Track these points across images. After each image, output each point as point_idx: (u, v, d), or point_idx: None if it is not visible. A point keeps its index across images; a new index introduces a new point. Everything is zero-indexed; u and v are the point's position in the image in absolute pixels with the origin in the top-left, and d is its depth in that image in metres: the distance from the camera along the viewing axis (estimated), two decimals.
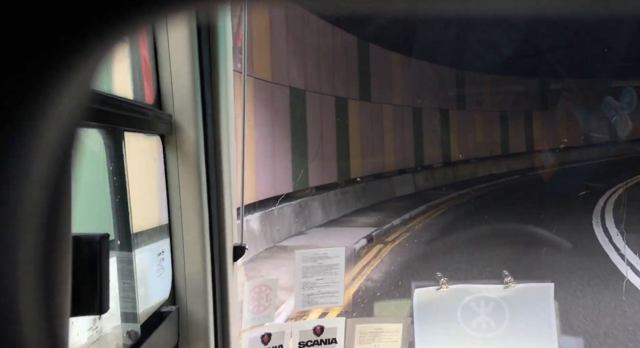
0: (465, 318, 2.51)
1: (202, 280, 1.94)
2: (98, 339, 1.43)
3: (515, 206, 16.60)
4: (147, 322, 1.72)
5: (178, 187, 1.90)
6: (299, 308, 2.64)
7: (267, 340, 2.48)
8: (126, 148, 1.58)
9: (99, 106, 1.27)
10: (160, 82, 1.87)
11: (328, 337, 2.59)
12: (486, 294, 2.53)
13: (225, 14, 1.95)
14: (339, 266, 2.64)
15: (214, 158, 1.99)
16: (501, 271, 2.58)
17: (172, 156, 1.89)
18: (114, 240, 1.56)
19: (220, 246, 2.03)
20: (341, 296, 2.65)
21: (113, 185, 1.55)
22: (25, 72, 0.43)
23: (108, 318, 1.50)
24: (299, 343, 2.56)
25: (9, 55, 0.42)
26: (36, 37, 0.42)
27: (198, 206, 1.92)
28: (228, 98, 2.04)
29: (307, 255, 2.63)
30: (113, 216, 1.56)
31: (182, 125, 1.89)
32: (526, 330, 2.50)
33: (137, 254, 1.71)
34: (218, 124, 1.98)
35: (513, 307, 2.51)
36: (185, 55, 1.86)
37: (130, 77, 1.78)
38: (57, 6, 0.42)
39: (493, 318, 2.51)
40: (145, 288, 1.78)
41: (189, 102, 1.89)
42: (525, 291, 2.53)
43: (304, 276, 2.61)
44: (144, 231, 1.84)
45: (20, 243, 0.44)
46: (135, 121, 1.62)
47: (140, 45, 1.79)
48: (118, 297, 1.58)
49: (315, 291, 2.62)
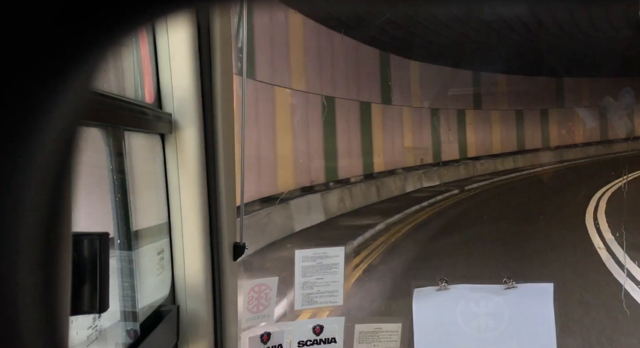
0: (464, 319, 2.51)
1: (201, 279, 1.94)
2: (97, 338, 1.43)
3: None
4: (146, 320, 1.72)
5: (178, 186, 1.90)
6: (299, 307, 2.64)
7: (267, 340, 2.48)
8: (126, 147, 1.58)
9: (99, 105, 1.27)
10: (160, 82, 1.88)
11: (327, 337, 2.59)
12: (486, 294, 2.53)
13: (225, 14, 1.95)
14: (338, 266, 2.64)
15: (214, 158, 1.99)
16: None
17: (172, 155, 1.90)
18: (114, 239, 1.56)
19: (220, 245, 2.03)
20: (340, 296, 2.65)
21: (113, 184, 1.56)
22: (26, 72, 0.43)
23: (108, 317, 1.50)
24: (299, 342, 2.56)
25: (9, 55, 0.42)
26: (36, 38, 0.42)
27: (198, 205, 1.93)
28: (228, 98, 2.04)
29: (307, 254, 2.63)
30: (113, 215, 1.56)
31: (182, 124, 1.89)
32: (526, 331, 2.50)
33: (137, 253, 1.71)
34: (218, 123, 1.99)
35: (513, 307, 2.51)
36: (185, 55, 1.87)
37: (131, 77, 1.79)
38: (57, 6, 0.43)
39: (493, 319, 2.51)
40: (145, 287, 1.78)
41: (189, 102, 1.89)
42: (525, 292, 2.53)
43: (303, 276, 2.62)
44: (144, 229, 1.85)
45: (21, 241, 0.45)
46: (135, 120, 1.62)
47: (140, 45, 1.79)
48: (118, 296, 1.58)
49: (314, 290, 2.62)
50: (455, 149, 27.58)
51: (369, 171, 21.32)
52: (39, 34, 0.42)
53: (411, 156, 24.47)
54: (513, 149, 31.36)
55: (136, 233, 1.70)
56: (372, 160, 21.73)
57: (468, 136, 28.65)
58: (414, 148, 24.74)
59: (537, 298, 2.52)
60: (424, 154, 25.32)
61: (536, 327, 2.50)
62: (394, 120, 23.58)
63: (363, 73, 21.37)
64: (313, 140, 17.78)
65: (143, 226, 1.82)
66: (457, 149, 27.70)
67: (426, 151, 25.59)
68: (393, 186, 21.46)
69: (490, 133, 30.33)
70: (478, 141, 29.21)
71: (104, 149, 1.51)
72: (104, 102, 1.32)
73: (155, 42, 1.85)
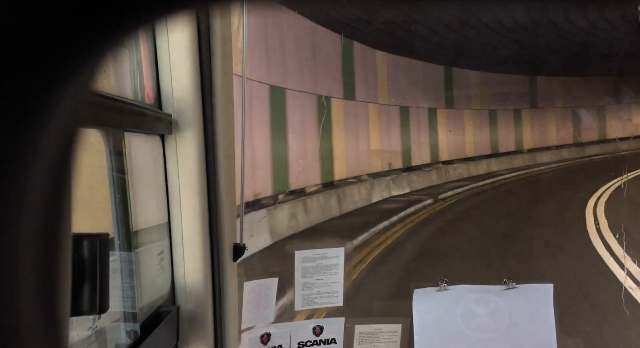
0: (464, 319, 2.51)
1: (201, 279, 1.94)
2: (97, 339, 1.43)
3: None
4: (146, 321, 1.72)
5: (178, 187, 1.90)
6: (299, 308, 2.64)
7: (267, 340, 2.48)
8: (126, 147, 1.58)
9: (99, 106, 1.27)
10: (160, 83, 1.88)
11: (327, 337, 2.59)
12: (486, 295, 2.53)
13: (225, 14, 1.95)
14: (338, 267, 2.64)
15: (214, 158, 1.99)
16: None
17: (172, 156, 1.90)
18: (114, 240, 1.56)
19: (220, 246, 2.03)
20: (340, 297, 2.65)
21: (113, 185, 1.56)
22: (26, 72, 0.43)
23: (108, 318, 1.50)
24: (299, 343, 2.56)
25: (9, 55, 0.42)
26: (36, 38, 0.42)
27: (198, 206, 1.93)
28: (228, 98, 2.04)
29: (307, 255, 2.63)
30: (113, 216, 1.56)
31: (182, 125, 1.89)
32: (526, 331, 2.50)
33: (137, 253, 1.71)
34: (218, 124, 1.99)
35: (513, 307, 2.51)
36: (185, 55, 1.87)
37: (131, 78, 1.79)
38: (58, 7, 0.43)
39: (492, 319, 2.51)
40: (145, 288, 1.78)
41: (189, 102, 1.89)
42: (525, 292, 2.53)
43: (303, 277, 2.62)
44: (144, 230, 1.84)
45: (21, 242, 0.45)
46: (135, 121, 1.62)
47: (140, 45, 1.79)
48: (118, 296, 1.58)
49: (314, 291, 2.62)
50: (426, 152, 24.95)
51: (328, 179, 17.99)
52: (39, 35, 0.43)
53: (378, 160, 21.55)
54: (487, 152, 29.07)
55: (136, 233, 1.70)
56: (333, 165, 18.47)
57: (440, 137, 26.09)
58: (381, 150, 21.81)
59: (537, 298, 2.52)
60: (392, 157, 22.58)
61: (536, 327, 2.50)
62: (360, 120, 20.76)
63: (321, 62, 18.07)
64: (258, 142, 14.36)
65: (143, 227, 1.82)
66: (428, 152, 25.06)
67: (395, 155, 22.90)
68: (357, 196, 18.27)
69: (463, 134, 27.92)
70: (450, 143, 26.88)
71: (104, 150, 1.51)
72: (104, 103, 1.32)
73: (155, 43, 1.85)
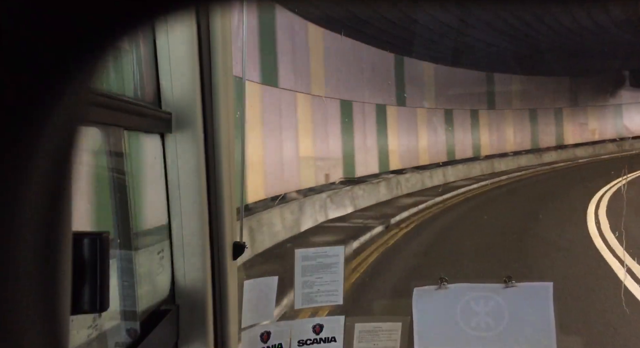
0: (464, 317, 2.52)
1: (201, 278, 1.94)
2: (97, 337, 1.43)
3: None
4: (146, 320, 1.72)
5: (178, 186, 1.90)
6: (299, 306, 2.65)
7: (267, 339, 2.48)
8: (126, 146, 1.58)
9: (99, 105, 1.27)
10: (160, 82, 1.88)
11: (327, 336, 2.60)
12: (485, 293, 2.53)
13: (225, 14, 1.95)
14: (338, 265, 2.65)
15: (214, 157, 1.99)
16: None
17: (172, 155, 1.90)
18: (114, 238, 1.56)
19: (220, 245, 2.03)
20: (340, 295, 2.65)
21: (113, 184, 1.56)
22: (26, 72, 0.43)
23: (108, 316, 1.51)
24: (298, 341, 2.57)
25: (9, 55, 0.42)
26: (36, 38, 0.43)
27: (198, 205, 1.93)
28: (228, 98, 2.04)
29: (307, 253, 2.64)
30: (113, 215, 1.56)
31: (182, 124, 1.89)
32: (525, 330, 2.51)
33: (137, 252, 1.71)
34: (218, 123, 1.99)
35: (512, 306, 2.51)
36: (185, 54, 1.87)
37: (130, 77, 1.79)
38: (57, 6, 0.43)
39: (492, 318, 2.51)
40: (145, 286, 1.79)
41: (189, 102, 1.89)
42: (525, 291, 2.53)
43: (303, 275, 2.62)
44: (144, 229, 1.85)
45: (21, 241, 0.45)
46: (135, 120, 1.62)
47: (141, 45, 1.79)
48: (118, 295, 1.58)
49: (314, 289, 2.62)
50: (374, 159, 20.87)
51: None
52: (38, 34, 0.43)
53: (311, 172, 16.61)
54: (443, 158, 25.54)
55: (136, 232, 1.70)
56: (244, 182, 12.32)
57: (390, 142, 22.06)
58: (314, 158, 16.78)
59: (536, 297, 2.53)
60: (330, 167, 17.75)
61: (536, 326, 2.51)
62: (284, 115, 15.55)
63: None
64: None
65: (143, 226, 1.82)
66: (376, 159, 21.09)
67: (334, 163, 18.22)
68: (279, 224, 13.24)
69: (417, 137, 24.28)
70: (402, 148, 22.93)
71: (104, 149, 1.51)
72: (103, 102, 1.32)
73: (155, 42, 1.85)
